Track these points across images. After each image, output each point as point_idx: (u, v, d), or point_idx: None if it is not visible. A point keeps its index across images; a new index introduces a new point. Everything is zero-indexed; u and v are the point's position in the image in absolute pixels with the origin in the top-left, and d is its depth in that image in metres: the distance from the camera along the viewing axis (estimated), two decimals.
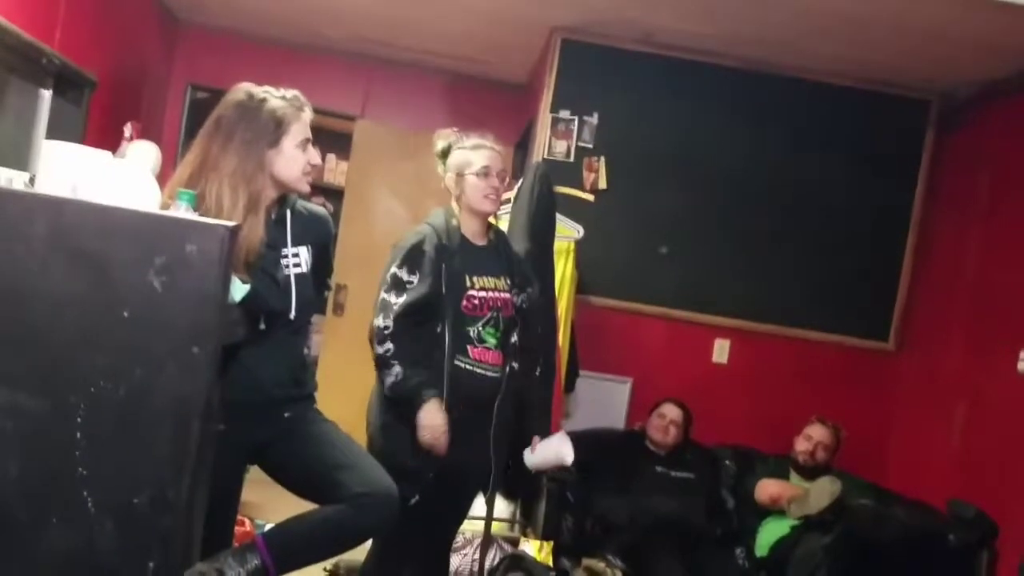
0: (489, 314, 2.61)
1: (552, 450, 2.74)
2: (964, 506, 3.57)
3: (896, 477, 4.18)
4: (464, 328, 2.57)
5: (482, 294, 2.60)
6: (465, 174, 2.63)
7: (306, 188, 2.18)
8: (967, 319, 3.98)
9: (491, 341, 2.61)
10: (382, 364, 2.55)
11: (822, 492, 3.53)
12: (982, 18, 3.26)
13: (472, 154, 2.65)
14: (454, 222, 2.63)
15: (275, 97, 2.10)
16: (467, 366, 2.58)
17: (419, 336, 2.54)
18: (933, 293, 4.27)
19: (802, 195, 4.36)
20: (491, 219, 2.74)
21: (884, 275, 4.39)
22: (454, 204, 2.68)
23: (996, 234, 3.90)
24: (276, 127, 2.07)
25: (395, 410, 2.57)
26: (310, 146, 2.14)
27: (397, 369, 2.52)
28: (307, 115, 2.14)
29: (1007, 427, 3.53)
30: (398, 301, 2.52)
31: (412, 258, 2.55)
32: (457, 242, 2.60)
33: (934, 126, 4.34)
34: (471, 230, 2.66)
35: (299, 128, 2.11)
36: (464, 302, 2.57)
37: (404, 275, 2.53)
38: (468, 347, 2.57)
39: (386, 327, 2.52)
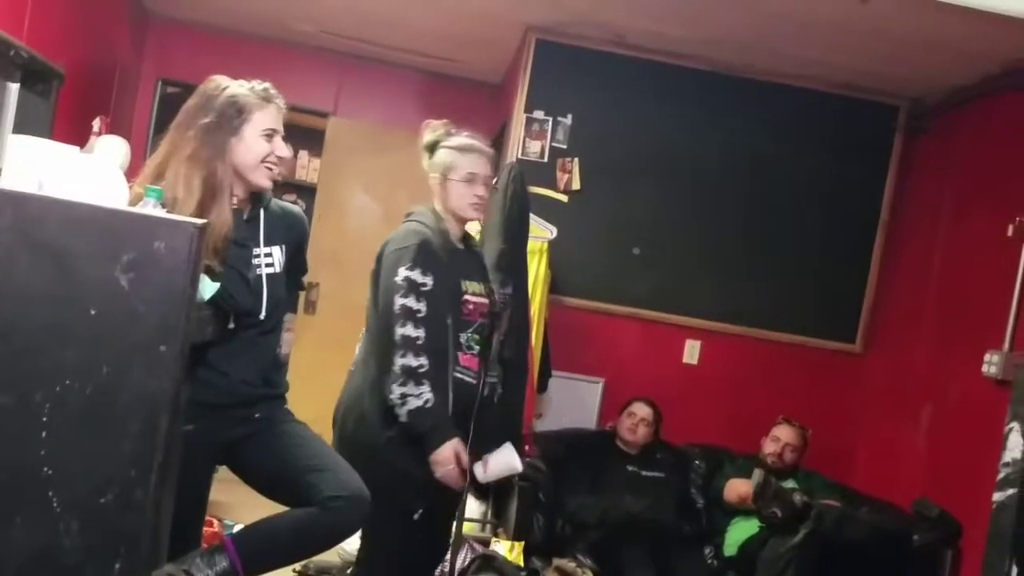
0: (479, 321, 2.52)
1: (502, 463, 2.64)
2: (929, 506, 3.62)
3: (863, 477, 4.24)
4: (458, 335, 2.47)
5: (475, 299, 2.51)
6: (450, 178, 2.51)
7: (264, 182, 2.10)
8: (933, 322, 4.04)
9: (475, 347, 2.52)
10: (410, 379, 2.32)
11: (753, 483, 3.57)
12: (951, 24, 3.30)
13: (460, 157, 2.52)
14: (443, 225, 2.52)
15: (240, 87, 2.08)
16: (459, 374, 2.49)
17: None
18: (900, 296, 4.33)
19: (772, 197, 4.40)
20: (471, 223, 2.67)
21: (852, 278, 4.44)
22: (436, 204, 2.56)
23: (962, 238, 3.96)
24: (237, 114, 2.04)
25: (401, 425, 2.41)
26: (277, 138, 2.10)
27: (428, 395, 2.33)
28: (274, 107, 2.10)
29: (972, 428, 3.58)
30: (421, 307, 2.35)
31: (423, 258, 2.38)
32: (448, 246, 2.50)
33: (903, 130, 4.40)
34: (453, 233, 2.55)
35: (262, 117, 2.07)
36: (462, 308, 2.47)
37: (418, 277, 2.36)
38: (459, 355, 2.47)
39: (418, 337, 2.33)
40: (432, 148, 2.58)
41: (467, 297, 2.49)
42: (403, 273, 2.37)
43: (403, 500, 2.42)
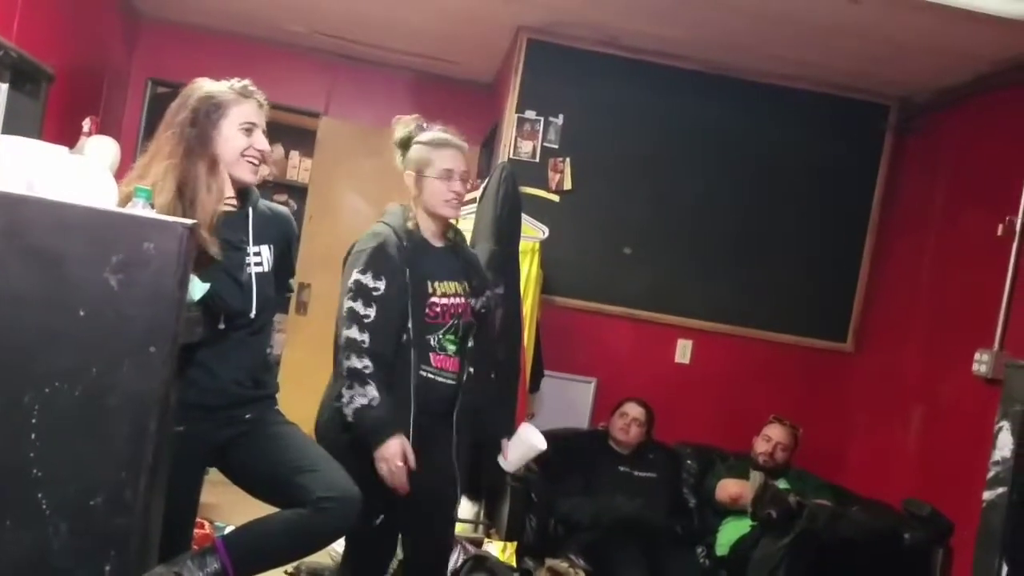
0: (451, 322, 2.48)
1: (524, 444, 2.66)
2: (920, 505, 3.63)
3: (854, 476, 4.25)
4: (425, 336, 2.42)
5: (444, 301, 2.46)
6: (425, 174, 2.45)
7: (247, 176, 2.10)
8: (924, 321, 4.05)
9: (451, 348, 2.48)
10: (355, 380, 2.31)
11: (752, 487, 3.59)
12: (943, 25, 3.32)
13: (433, 153, 2.46)
14: (410, 224, 2.46)
15: (218, 84, 2.09)
16: (429, 375, 2.46)
17: (397, 351, 2.38)
18: (891, 295, 4.34)
19: (763, 197, 4.41)
20: (452, 220, 2.59)
21: (843, 277, 4.46)
22: (411, 202, 2.51)
23: (952, 237, 3.97)
24: (214, 109, 2.05)
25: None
26: (257, 132, 2.09)
27: (373, 394, 2.30)
28: (254, 102, 2.10)
29: (962, 427, 3.60)
30: (369, 312, 2.33)
31: (376, 262, 2.36)
32: (417, 244, 2.45)
33: (893, 130, 4.42)
34: (429, 231, 2.50)
35: (240, 111, 2.07)
36: (427, 310, 2.42)
37: (369, 281, 2.34)
38: (431, 355, 2.44)
39: (363, 341, 2.31)
40: (405, 144, 2.52)
41: (434, 299, 2.44)
42: (355, 276, 2.36)
43: (369, 503, 2.34)
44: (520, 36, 4.26)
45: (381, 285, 2.36)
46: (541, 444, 2.65)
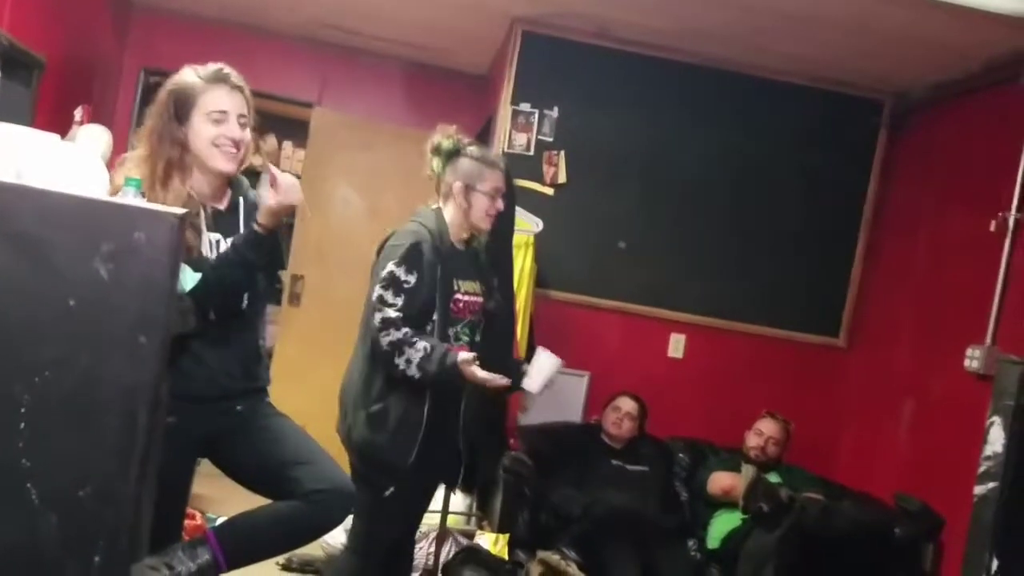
0: (469, 317, 2.66)
1: (545, 368, 2.74)
2: (910, 500, 3.65)
3: (845, 471, 4.26)
4: (447, 329, 2.59)
5: (465, 298, 2.64)
6: (476, 189, 2.63)
7: (223, 165, 2.06)
8: (916, 317, 4.06)
9: (464, 339, 2.65)
10: (403, 345, 2.46)
11: (743, 480, 3.60)
12: (936, 21, 3.32)
13: (487, 171, 2.65)
14: (444, 226, 2.64)
15: (189, 73, 2.06)
16: None
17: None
18: (883, 291, 4.35)
19: (757, 192, 4.41)
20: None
21: (836, 273, 4.46)
22: (444, 206, 2.67)
23: (945, 233, 3.98)
24: (184, 101, 2.03)
25: (382, 403, 2.53)
26: (230, 119, 2.04)
27: (422, 344, 2.46)
28: (225, 87, 2.05)
29: (953, 423, 3.61)
30: (397, 301, 2.49)
31: (411, 258, 2.52)
32: (448, 245, 2.62)
33: (887, 126, 4.42)
34: (457, 235, 2.68)
35: (208, 99, 2.03)
36: (452, 305, 2.60)
37: (402, 274, 2.50)
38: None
39: (396, 317, 2.47)
40: (450, 154, 2.67)
41: (458, 296, 2.62)
42: (390, 267, 2.51)
43: (375, 478, 2.54)
44: (515, 28, 4.24)
45: (412, 279, 2.51)
46: (557, 360, 2.77)
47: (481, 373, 2.48)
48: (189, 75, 2.06)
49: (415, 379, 2.47)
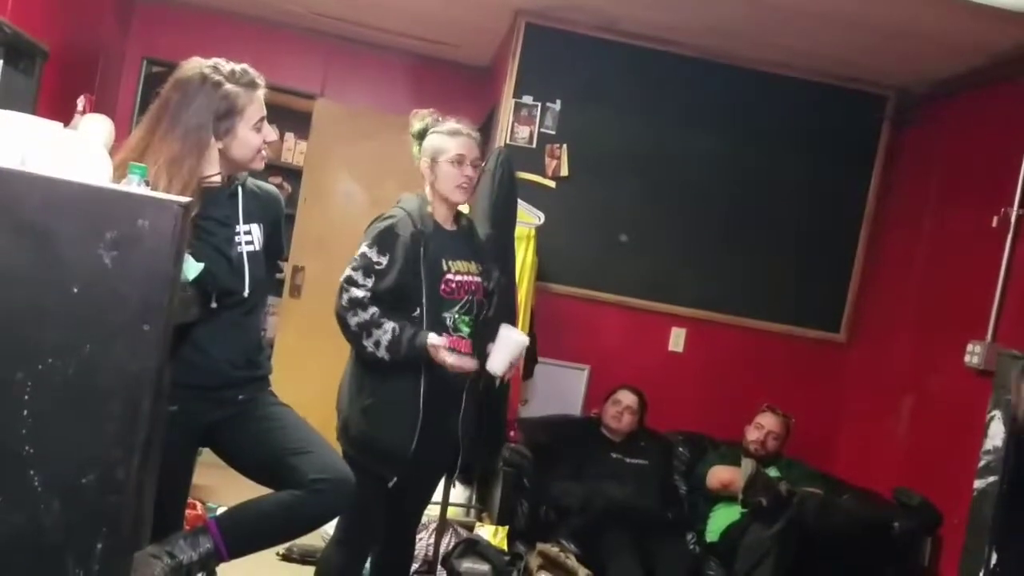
0: (465, 298, 2.61)
1: (508, 347, 2.65)
2: (910, 494, 3.65)
3: (845, 465, 4.27)
4: (440, 313, 2.56)
5: (458, 278, 2.60)
6: (439, 161, 2.60)
7: (260, 166, 2.13)
8: (917, 312, 4.06)
9: (465, 330, 2.60)
10: (371, 327, 2.47)
11: (743, 474, 3.61)
12: (940, 15, 3.31)
13: (448, 140, 2.61)
14: (428, 208, 2.62)
15: (227, 79, 2.02)
16: None
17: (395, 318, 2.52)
18: (884, 286, 4.36)
19: (759, 186, 4.41)
20: (460, 204, 2.73)
21: (837, 268, 4.47)
22: (427, 189, 2.66)
23: (947, 228, 3.98)
24: (228, 113, 2.02)
25: (375, 394, 2.54)
26: (265, 125, 2.09)
27: (391, 325, 2.46)
28: (261, 92, 2.08)
29: (952, 418, 3.61)
30: (367, 282, 2.49)
31: (384, 240, 2.52)
32: (431, 227, 2.59)
33: (890, 121, 4.42)
34: (442, 215, 2.65)
35: (254, 109, 2.05)
36: (442, 285, 2.56)
37: (374, 256, 2.50)
38: (443, 334, 2.53)
39: (363, 296, 2.48)
40: (421, 135, 2.67)
41: (448, 276, 2.58)
42: (362, 249, 2.54)
43: (377, 469, 2.54)
44: (518, 20, 4.24)
45: (384, 260, 2.51)
46: (523, 338, 2.69)
47: (450, 358, 2.46)
48: (227, 83, 2.02)
49: (384, 361, 2.47)
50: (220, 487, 3.42)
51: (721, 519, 3.75)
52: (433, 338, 2.47)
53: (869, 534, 3.55)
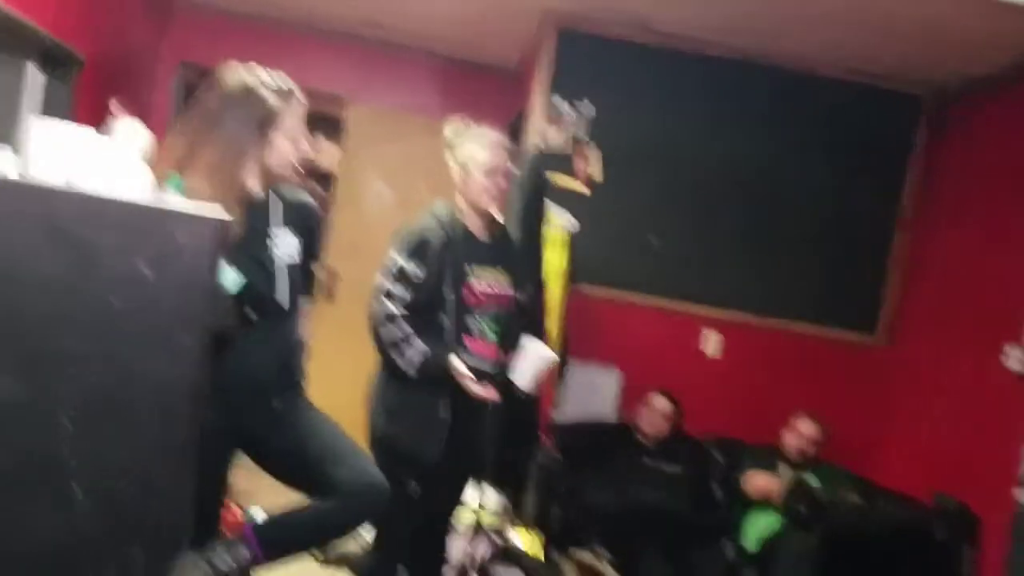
0: (490, 305, 2.62)
1: (532, 361, 2.65)
2: (948, 500, 3.59)
3: (883, 470, 4.20)
4: (464, 319, 2.57)
5: (483, 287, 2.61)
6: (471, 170, 2.62)
7: (293, 176, 2.15)
8: (955, 313, 3.99)
9: (491, 336, 2.61)
10: (403, 344, 2.50)
11: (782, 482, 3.58)
12: (974, 14, 3.26)
13: (479, 149, 2.63)
14: (458, 216, 2.64)
15: (265, 87, 2.04)
16: (466, 360, 2.56)
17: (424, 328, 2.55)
18: (922, 287, 4.28)
19: (793, 186, 4.36)
20: (495, 215, 2.73)
21: (874, 269, 4.40)
22: (458, 197, 2.67)
23: (985, 229, 3.91)
24: (265, 122, 2.03)
25: (401, 396, 2.57)
26: (302, 134, 2.11)
27: (422, 347, 2.49)
28: (297, 103, 2.09)
29: (991, 421, 3.55)
30: (404, 295, 2.51)
31: (420, 252, 2.54)
32: (460, 235, 2.61)
33: (925, 120, 4.35)
34: (474, 224, 2.66)
35: (291, 120, 2.07)
36: (464, 291, 2.57)
37: (410, 267, 2.52)
38: (468, 339, 2.56)
39: (398, 313, 2.50)
40: (454, 144, 2.68)
41: (472, 282, 2.58)
42: (396, 258, 2.55)
43: (402, 473, 2.54)
44: (547, 22, 4.22)
45: (418, 271, 2.52)
46: (548, 354, 2.69)
47: (473, 386, 2.51)
48: (267, 92, 2.04)
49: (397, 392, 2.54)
50: (257, 491, 3.44)
51: (756, 525, 3.71)
52: (456, 362, 2.50)
53: (908, 541, 3.50)
